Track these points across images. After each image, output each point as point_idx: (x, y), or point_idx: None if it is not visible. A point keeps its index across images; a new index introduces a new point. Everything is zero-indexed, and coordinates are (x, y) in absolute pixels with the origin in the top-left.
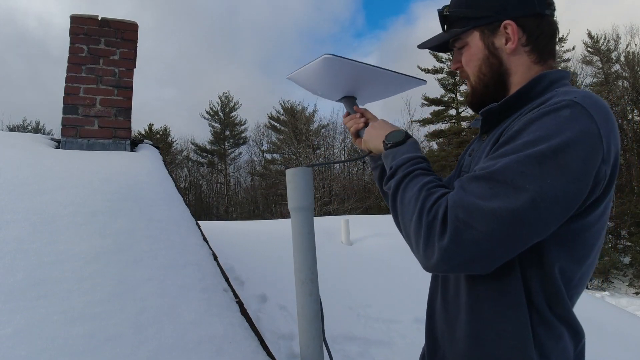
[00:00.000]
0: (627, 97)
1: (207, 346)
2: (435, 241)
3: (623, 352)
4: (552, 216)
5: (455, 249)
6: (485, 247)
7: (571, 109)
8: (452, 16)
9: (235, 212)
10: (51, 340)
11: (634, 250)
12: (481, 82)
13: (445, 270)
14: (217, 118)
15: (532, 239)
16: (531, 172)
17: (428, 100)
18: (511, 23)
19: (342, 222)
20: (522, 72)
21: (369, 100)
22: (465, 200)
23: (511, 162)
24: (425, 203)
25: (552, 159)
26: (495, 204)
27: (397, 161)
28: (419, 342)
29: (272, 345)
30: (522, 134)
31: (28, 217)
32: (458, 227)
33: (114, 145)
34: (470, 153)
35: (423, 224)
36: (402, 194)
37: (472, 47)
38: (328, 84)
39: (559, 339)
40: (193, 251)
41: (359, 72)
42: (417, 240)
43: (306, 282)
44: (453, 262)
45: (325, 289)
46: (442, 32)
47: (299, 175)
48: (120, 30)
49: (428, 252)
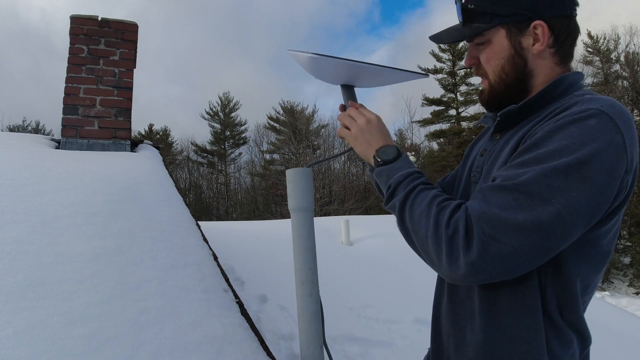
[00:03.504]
0: (627, 97)
1: (207, 347)
2: (461, 255)
3: (623, 352)
4: (576, 228)
5: (483, 263)
6: (512, 260)
7: (598, 119)
8: (476, 10)
9: (236, 212)
10: (51, 341)
11: (634, 250)
12: (502, 82)
13: (472, 282)
14: (217, 118)
15: (556, 251)
16: (558, 185)
17: (428, 101)
18: (542, 24)
19: (342, 223)
20: (545, 74)
21: (368, 86)
22: (491, 213)
23: (537, 174)
24: (439, 217)
25: (579, 171)
26: (521, 216)
27: (395, 179)
28: (419, 342)
29: (273, 346)
30: (548, 142)
31: (28, 217)
32: (485, 242)
33: (114, 145)
34: (482, 153)
35: (443, 239)
36: (409, 211)
37: (496, 45)
38: (321, 75)
39: (569, 345)
40: (193, 252)
41: (350, 69)
42: (439, 255)
43: (306, 283)
44: (481, 275)
45: (326, 290)
46: (460, 26)
47: (299, 175)
48: (120, 31)
49: (453, 267)
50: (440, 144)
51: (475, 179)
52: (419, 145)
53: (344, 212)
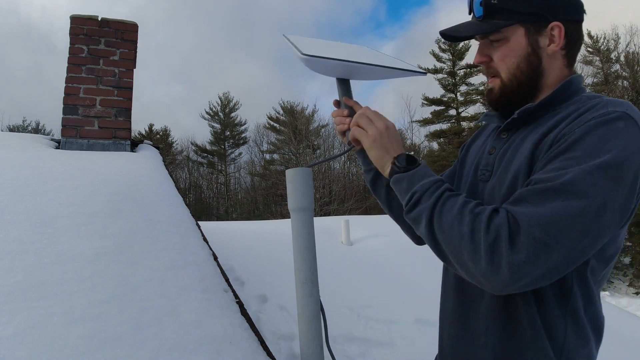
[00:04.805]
0: (627, 97)
1: (208, 347)
2: (504, 261)
3: (623, 352)
4: (611, 227)
5: (529, 268)
6: (556, 263)
7: (625, 122)
8: (498, 6)
9: (236, 212)
10: (51, 341)
11: (634, 250)
12: (516, 80)
13: (513, 289)
14: (217, 118)
15: (592, 251)
16: (600, 183)
17: (428, 100)
18: (560, 25)
19: (342, 223)
20: (555, 75)
21: (365, 79)
22: (541, 217)
23: (582, 172)
24: (475, 224)
25: (615, 170)
26: (570, 218)
27: (420, 186)
28: (420, 342)
29: (273, 346)
30: (582, 144)
31: (28, 218)
32: (537, 248)
33: (114, 145)
34: (490, 151)
35: (482, 246)
36: (438, 219)
37: (513, 43)
38: (315, 67)
39: (586, 342)
40: (193, 252)
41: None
42: (477, 263)
43: (306, 283)
44: (523, 280)
45: (326, 290)
46: (477, 21)
47: (299, 175)
48: (120, 31)
49: (494, 274)
50: (440, 144)
51: (485, 177)
52: (418, 145)
53: (344, 212)
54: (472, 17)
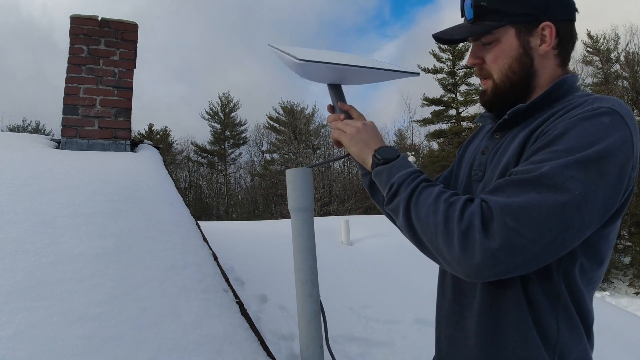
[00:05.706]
0: (627, 97)
1: (208, 347)
2: (477, 248)
3: (623, 352)
4: (593, 221)
5: (504, 256)
6: (532, 254)
7: (611, 117)
8: (489, 8)
9: (236, 212)
10: (51, 341)
11: (634, 250)
12: (508, 81)
13: (486, 276)
14: (217, 118)
15: (573, 244)
16: (579, 177)
17: (428, 100)
18: (551, 25)
19: (342, 223)
20: (547, 75)
21: (356, 83)
22: (515, 206)
23: (559, 166)
24: (449, 213)
25: (597, 164)
26: (544, 209)
27: (398, 178)
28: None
29: (273, 346)
30: (564, 138)
31: (28, 217)
32: (509, 235)
33: (114, 145)
34: (483, 151)
35: (455, 234)
36: (415, 209)
37: (504, 44)
38: (306, 74)
39: (579, 340)
40: (193, 252)
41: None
42: (450, 250)
43: (306, 283)
44: (498, 268)
45: (326, 290)
46: (468, 23)
47: (299, 175)
48: (120, 31)
49: (468, 261)
50: (440, 144)
51: (478, 177)
52: (418, 145)
53: (344, 212)
54: (464, 20)
